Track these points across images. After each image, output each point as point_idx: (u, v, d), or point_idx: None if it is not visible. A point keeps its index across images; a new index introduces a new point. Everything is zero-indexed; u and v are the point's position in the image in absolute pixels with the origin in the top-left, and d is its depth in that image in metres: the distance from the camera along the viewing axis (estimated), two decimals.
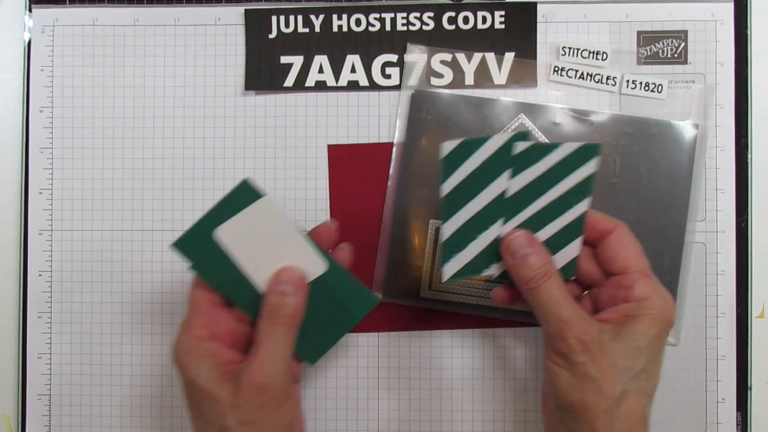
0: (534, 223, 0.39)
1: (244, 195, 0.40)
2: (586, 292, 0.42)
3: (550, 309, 0.37)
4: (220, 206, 0.40)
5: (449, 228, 0.39)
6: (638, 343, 0.37)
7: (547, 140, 0.47)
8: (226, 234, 0.40)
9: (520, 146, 0.38)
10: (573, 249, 0.40)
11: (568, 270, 0.40)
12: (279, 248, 0.41)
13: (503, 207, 0.39)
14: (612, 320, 0.38)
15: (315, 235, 0.41)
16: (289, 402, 0.39)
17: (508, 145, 0.38)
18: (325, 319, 0.42)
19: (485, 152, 0.38)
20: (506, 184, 0.39)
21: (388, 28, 0.48)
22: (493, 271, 0.40)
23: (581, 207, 0.39)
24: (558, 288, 0.38)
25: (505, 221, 0.39)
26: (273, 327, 0.38)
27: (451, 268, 0.40)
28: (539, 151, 0.38)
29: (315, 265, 0.41)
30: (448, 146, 0.37)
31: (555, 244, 0.40)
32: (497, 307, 0.47)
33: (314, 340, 0.42)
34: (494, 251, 0.40)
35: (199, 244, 0.40)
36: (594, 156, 0.38)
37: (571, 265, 0.40)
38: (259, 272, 0.41)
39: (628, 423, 0.37)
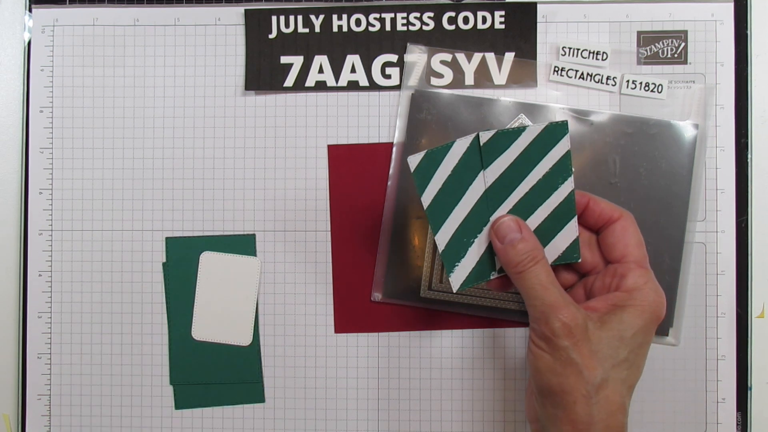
0: (522, 210, 0.39)
1: (245, 243, 0.48)
2: (582, 278, 0.42)
3: (537, 293, 0.37)
4: (224, 238, 0.48)
5: (442, 238, 0.39)
6: (623, 333, 0.37)
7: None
8: (208, 258, 0.47)
9: (485, 135, 0.38)
10: (571, 231, 0.40)
11: (572, 252, 0.40)
12: (232, 301, 0.48)
13: (488, 200, 0.39)
14: (599, 309, 0.38)
15: None
16: None
17: (475, 146, 0.38)
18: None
19: (453, 158, 0.38)
20: (485, 184, 0.39)
21: (388, 28, 0.48)
22: (498, 269, 0.40)
23: (566, 187, 0.39)
24: (545, 273, 0.38)
25: (493, 209, 0.39)
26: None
27: (458, 278, 0.40)
28: (506, 137, 0.38)
29: (244, 335, 0.47)
30: (414, 160, 0.37)
31: (549, 228, 0.40)
32: (497, 307, 0.47)
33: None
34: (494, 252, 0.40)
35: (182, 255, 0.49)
36: (563, 134, 0.38)
37: (574, 247, 0.40)
38: (201, 307, 0.48)
39: (607, 410, 0.37)
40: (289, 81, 0.48)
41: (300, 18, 0.48)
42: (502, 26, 0.48)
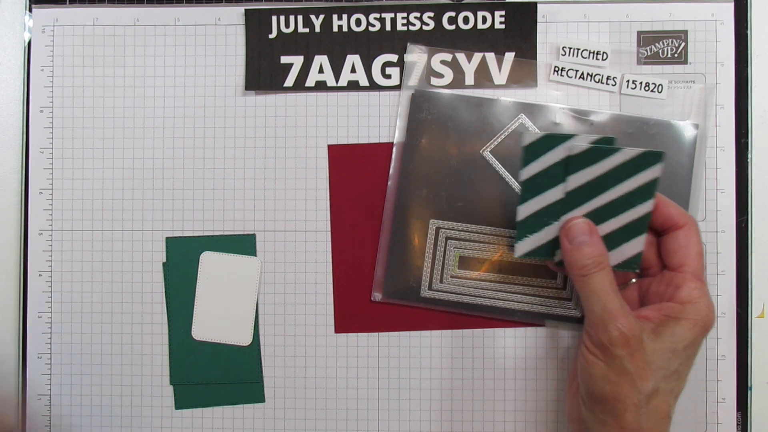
0: (595, 217, 0.40)
1: (246, 243, 0.48)
2: (633, 280, 0.43)
3: (599, 298, 0.38)
4: (224, 238, 0.48)
5: (525, 210, 0.40)
6: (675, 345, 0.38)
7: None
8: (208, 258, 0.47)
9: (578, 148, 0.39)
10: (637, 244, 0.40)
11: (632, 263, 0.41)
12: (232, 300, 0.48)
13: (565, 204, 0.40)
14: (652, 319, 0.39)
15: None
16: None
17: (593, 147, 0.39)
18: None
19: (566, 150, 0.39)
20: (565, 189, 0.40)
21: (388, 28, 0.48)
22: (560, 256, 0.41)
23: (645, 207, 0.40)
24: (609, 280, 0.38)
25: (568, 211, 0.40)
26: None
27: (524, 247, 0.41)
28: (598, 153, 0.39)
29: (244, 335, 0.48)
30: (528, 138, 0.39)
31: (617, 238, 0.40)
32: (497, 307, 0.47)
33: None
34: None
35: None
36: (658, 162, 0.39)
37: (635, 259, 0.41)
38: (201, 307, 0.48)
39: (655, 419, 0.38)
40: (289, 81, 0.48)
41: (300, 18, 0.48)
42: (502, 26, 0.48)
